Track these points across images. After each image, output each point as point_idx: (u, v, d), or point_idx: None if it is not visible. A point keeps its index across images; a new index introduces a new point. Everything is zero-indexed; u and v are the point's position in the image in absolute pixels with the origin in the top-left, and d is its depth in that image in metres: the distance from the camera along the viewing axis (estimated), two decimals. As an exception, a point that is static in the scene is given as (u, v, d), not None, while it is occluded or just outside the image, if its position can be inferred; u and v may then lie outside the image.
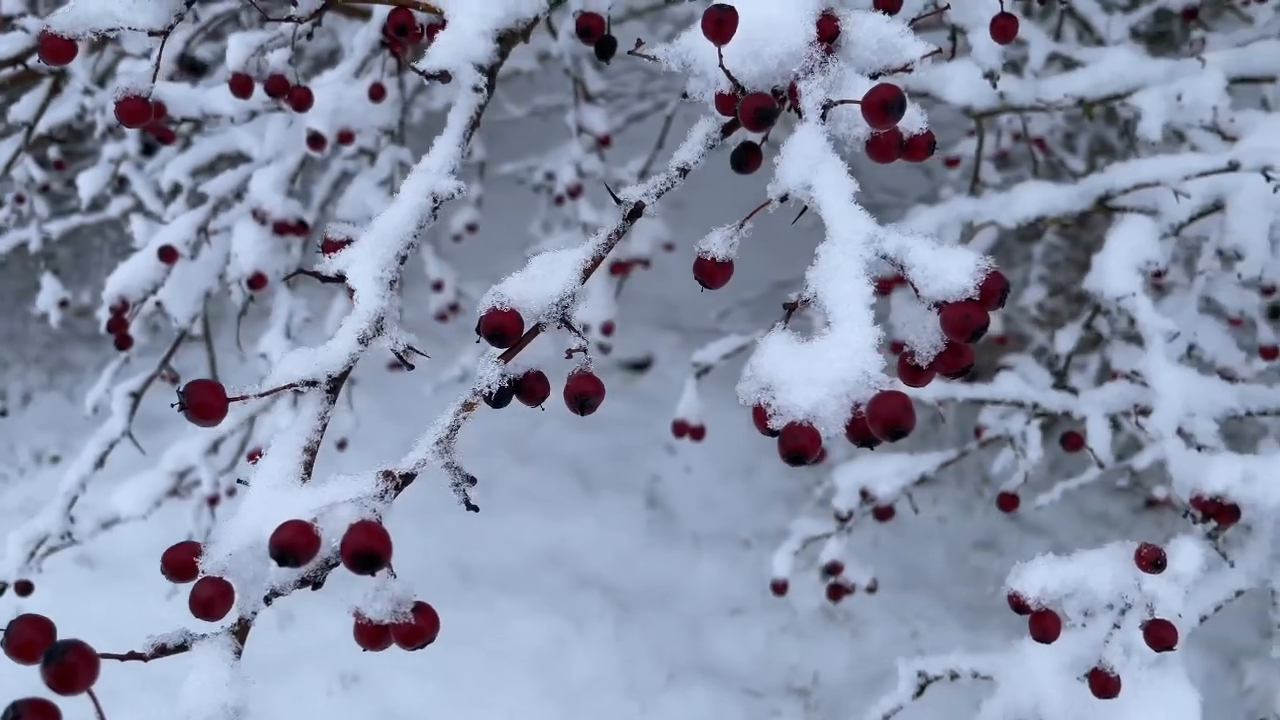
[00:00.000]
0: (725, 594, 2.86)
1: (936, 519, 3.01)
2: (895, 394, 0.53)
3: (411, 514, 3.14)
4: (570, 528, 3.05)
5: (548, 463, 3.24)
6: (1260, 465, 0.90)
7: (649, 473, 3.24)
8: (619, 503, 3.12)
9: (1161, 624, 0.76)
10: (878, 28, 0.69)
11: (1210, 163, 1.05)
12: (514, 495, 3.16)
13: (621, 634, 2.78)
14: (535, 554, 2.99)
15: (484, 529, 3.06)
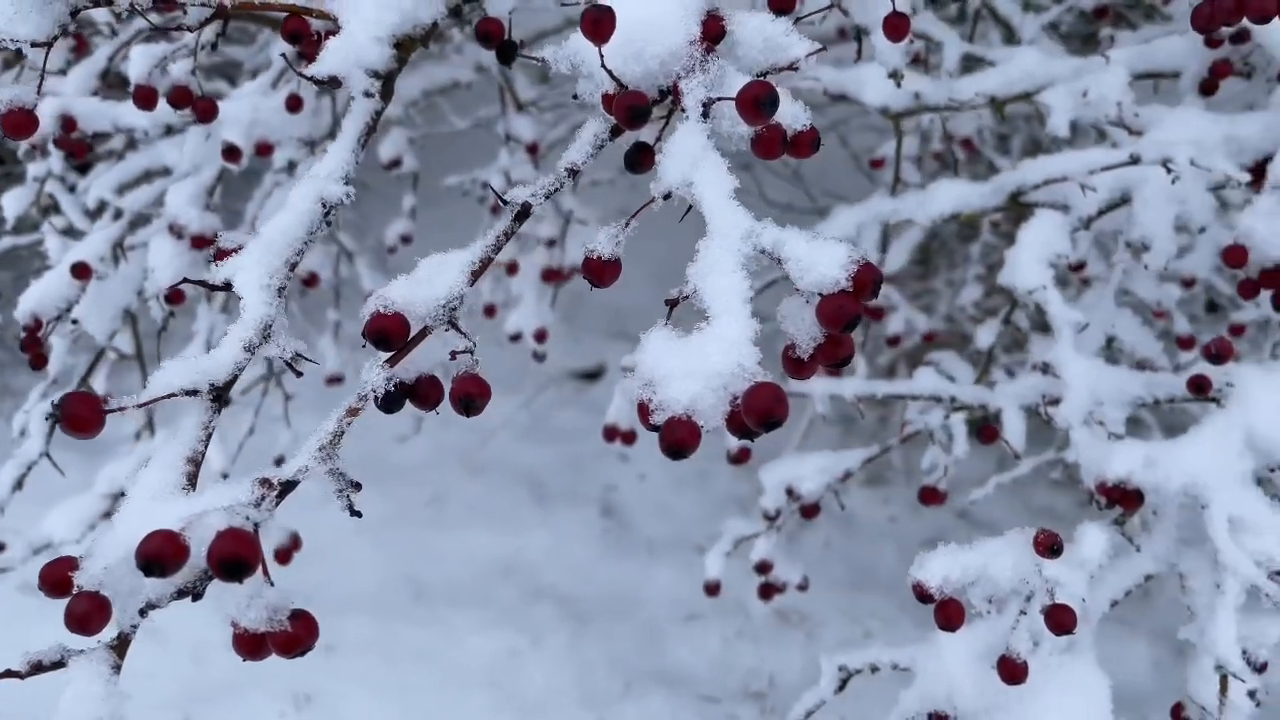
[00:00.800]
0: (681, 600, 2.86)
1: (887, 519, 3.04)
2: (768, 385, 0.54)
3: (364, 531, 3.12)
4: (524, 540, 3.03)
5: (500, 475, 3.22)
6: (1162, 450, 0.91)
7: (603, 482, 3.23)
8: (573, 513, 3.12)
9: (1061, 609, 0.77)
10: (763, 27, 0.70)
11: (1113, 157, 1.08)
12: (466, 509, 3.14)
13: (577, 645, 2.77)
14: (489, 567, 2.97)
15: (437, 544, 3.04)
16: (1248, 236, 1.00)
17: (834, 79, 1.28)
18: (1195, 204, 1.12)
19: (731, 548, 1.26)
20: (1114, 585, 0.94)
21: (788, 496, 1.15)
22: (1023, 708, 0.84)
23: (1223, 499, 0.89)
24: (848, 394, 1.13)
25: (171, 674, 2.63)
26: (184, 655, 2.69)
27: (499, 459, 3.25)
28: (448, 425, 3.34)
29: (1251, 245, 1.00)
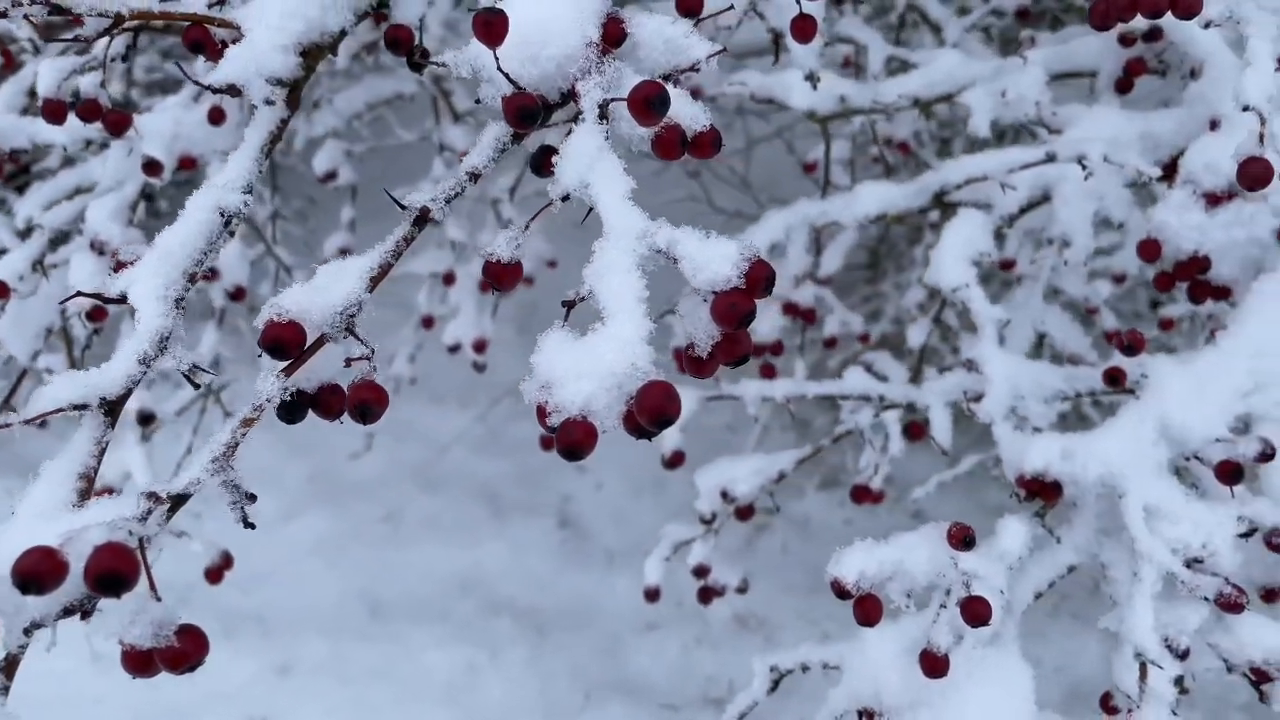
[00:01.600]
0: (640, 609, 2.85)
1: (843, 521, 3.06)
2: (660, 383, 0.54)
3: (318, 549, 3.08)
4: (481, 554, 3.01)
5: (456, 489, 3.20)
6: (1079, 442, 0.93)
7: (560, 493, 3.22)
8: (530, 525, 3.10)
9: (976, 601, 0.77)
10: (663, 29, 0.70)
11: (1031, 155, 1.09)
12: (422, 524, 3.11)
13: (537, 657, 2.75)
14: (446, 583, 2.95)
15: (393, 560, 3.00)
16: (1160, 230, 1.02)
17: (760, 83, 1.29)
18: (1113, 199, 1.15)
19: (670, 553, 1.26)
20: (1037, 577, 0.95)
21: (723, 499, 1.15)
22: (946, 701, 0.85)
23: (1139, 488, 0.90)
24: (778, 395, 1.13)
25: (123, 699, 2.58)
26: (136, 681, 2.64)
27: (454, 473, 3.23)
28: (402, 440, 3.31)
29: (1164, 239, 1.02)
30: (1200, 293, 1.06)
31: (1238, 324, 0.99)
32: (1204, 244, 1.02)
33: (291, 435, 3.45)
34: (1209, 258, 1.03)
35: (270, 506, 3.19)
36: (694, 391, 1.20)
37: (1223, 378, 0.97)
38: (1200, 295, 1.06)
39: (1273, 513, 0.90)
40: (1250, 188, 0.76)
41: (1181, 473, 1.00)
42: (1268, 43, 0.83)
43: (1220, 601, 0.85)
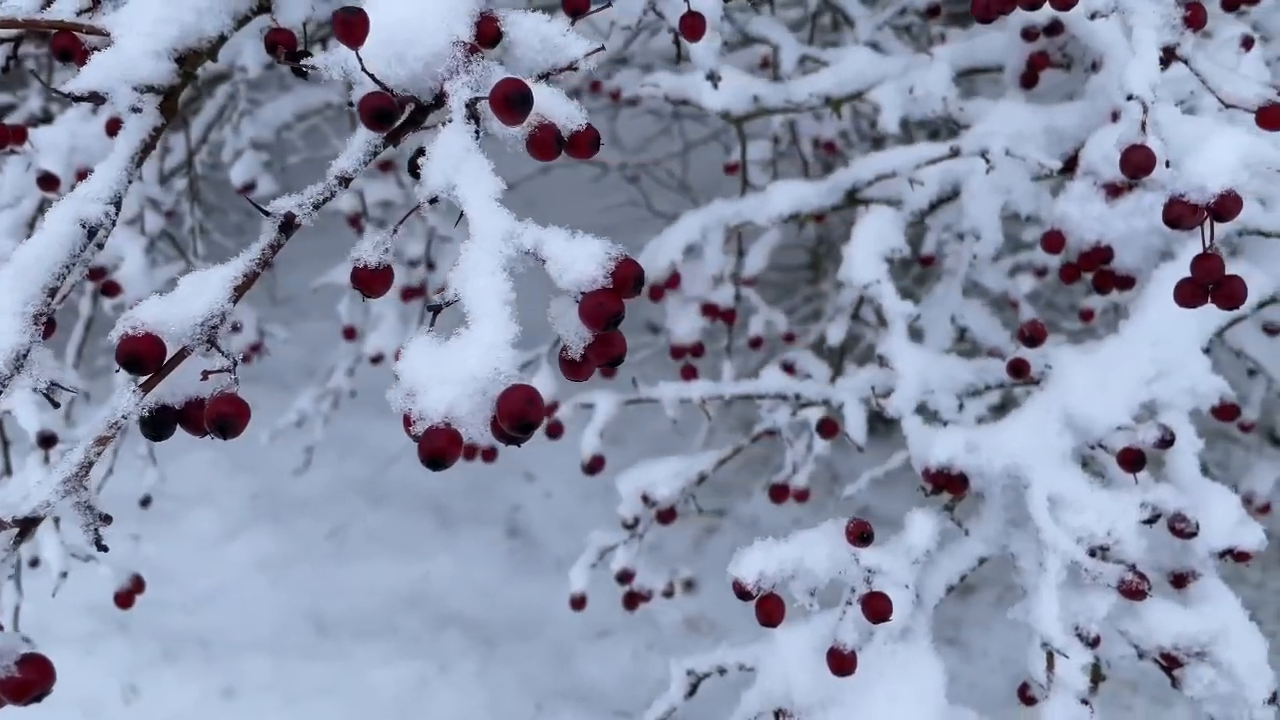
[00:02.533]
0: (591, 617, 2.82)
1: (792, 521, 3.06)
2: (520, 387, 0.52)
3: (262, 568, 3.02)
4: (429, 567, 2.97)
5: (402, 502, 3.16)
6: (983, 435, 0.93)
7: (508, 503, 3.19)
8: (479, 536, 3.07)
9: (876, 596, 0.77)
10: (538, 27, 0.69)
11: (936, 150, 1.10)
12: (368, 539, 3.07)
13: (486, 670, 2.72)
14: (394, 597, 2.91)
15: (339, 577, 2.96)
16: (1063, 222, 1.03)
17: (674, 85, 1.28)
18: (1020, 193, 1.15)
19: (597, 559, 1.24)
20: (948, 570, 0.95)
21: (644, 503, 1.14)
22: (856, 698, 0.84)
23: (1043, 478, 0.91)
24: (695, 397, 1.12)
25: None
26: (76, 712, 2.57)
27: (400, 486, 3.19)
28: (346, 455, 3.26)
29: (1068, 230, 1.03)
30: (1105, 283, 1.07)
31: (1139, 313, 1.00)
32: (1106, 234, 1.03)
33: (233, 453, 3.39)
34: (1111, 248, 1.04)
35: (212, 526, 3.13)
36: (612, 396, 1.19)
37: (1125, 366, 0.98)
38: (1105, 285, 1.07)
39: (1175, 498, 0.91)
40: (1133, 175, 0.77)
41: (1088, 462, 1.01)
42: (1151, 31, 0.84)
43: (1123, 588, 0.86)
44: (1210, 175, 0.72)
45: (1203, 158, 0.73)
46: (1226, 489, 0.95)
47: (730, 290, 1.25)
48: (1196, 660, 0.91)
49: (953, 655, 2.70)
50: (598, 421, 1.17)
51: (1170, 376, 0.98)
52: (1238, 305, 0.76)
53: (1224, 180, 0.72)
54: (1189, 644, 0.91)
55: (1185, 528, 0.90)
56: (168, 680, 2.73)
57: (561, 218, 2.14)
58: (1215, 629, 0.91)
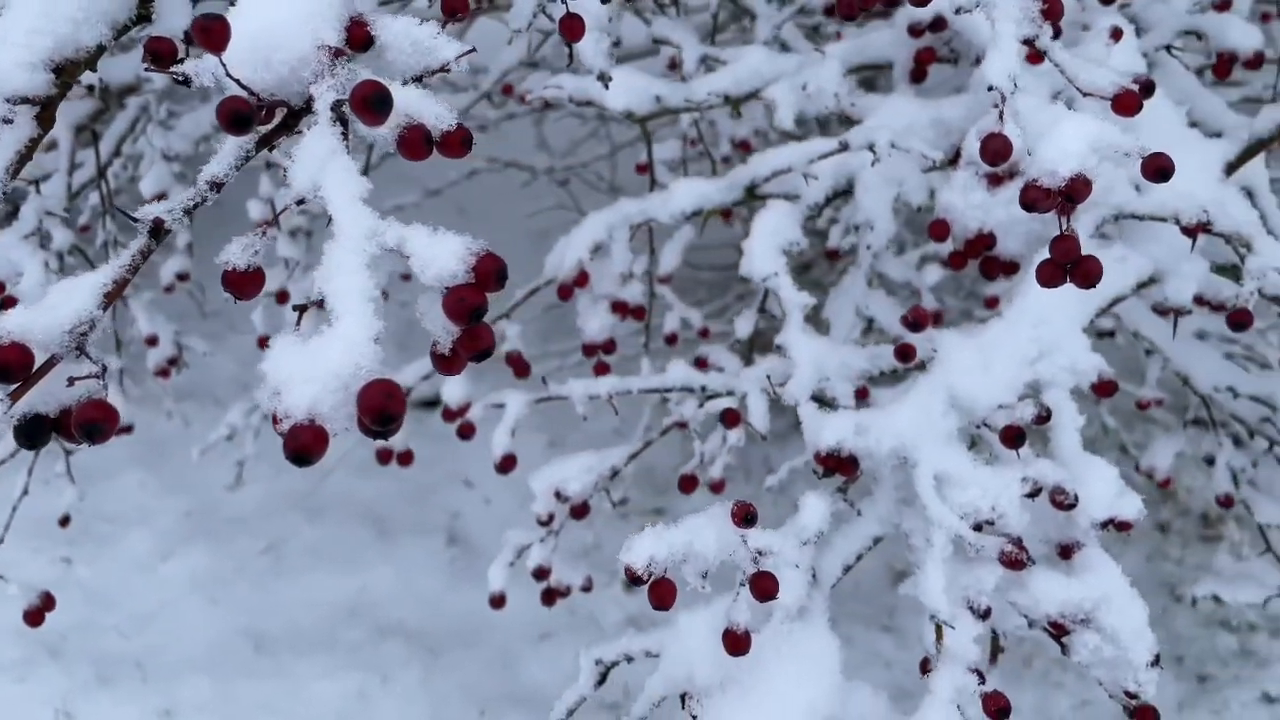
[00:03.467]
0: (533, 620, 2.83)
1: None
2: (379, 382, 0.54)
3: (198, 587, 2.97)
4: (368, 578, 2.95)
5: (340, 514, 3.13)
6: (871, 417, 0.96)
7: (448, 510, 3.18)
8: (419, 545, 3.05)
9: (763, 576, 0.79)
10: (409, 31, 0.70)
11: (827, 145, 1.13)
12: (306, 553, 3.03)
13: (429, 679, 2.71)
14: (333, 611, 2.88)
15: (276, 593, 2.92)
16: (947, 211, 1.07)
17: (577, 86, 1.30)
18: (911, 185, 1.19)
19: (514, 558, 1.26)
20: (844, 550, 0.98)
21: (557, 499, 1.15)
22: (753, 677, 0.87)
23: (929, 457, 0.94)
24: (602, 393, 1.14)
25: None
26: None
27: (337, 497, 3.16)
28: (280, 469, 3.23)
29: (952, 219, 1.07)
30: (990, 269, 1.11)
31: (1020, 296, 1.04)
32: (988, 222, 1.06)
33: (164, 472, 3.34)
34: (994, 234, 1.08)
35: (145, 547, 3.07)
36: (523, 395, 1.20)
37: (1008, 347, 1.02)
38: (991, 271, 1.11)
39: (1054, 472, 0.94)
40: (992, 162, 0.81)
41: (977, 441, 1.05)
42: (1010, 24, 0.87)
43: (1004, 560, 0.89)
44: (1060, 160, 0.76)
45: (1053, 144, 0.77)
46: (1106, 462, 0.99)
47: (639, 287, 1.27)
48: (1082, 627, 0.95)
49: (887, 641, 2.75)
50: (508, 421, 1.18)
51: (1051, 356, 1.02)
52: (1094, 284, 0.80)
53: (1073, 165, 0.76)
54: (1074, 611, 0.95)
55: (1064, 500, 0.94)
56: (103, 704, 2.68)
57: (492, 222, 2.19)
58: (1098, 596, 0.95)
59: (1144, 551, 2.79)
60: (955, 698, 0.87)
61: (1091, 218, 1.10)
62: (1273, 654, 2.56)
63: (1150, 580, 2.66)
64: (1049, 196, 0.78)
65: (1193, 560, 2.72)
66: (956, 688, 0.88)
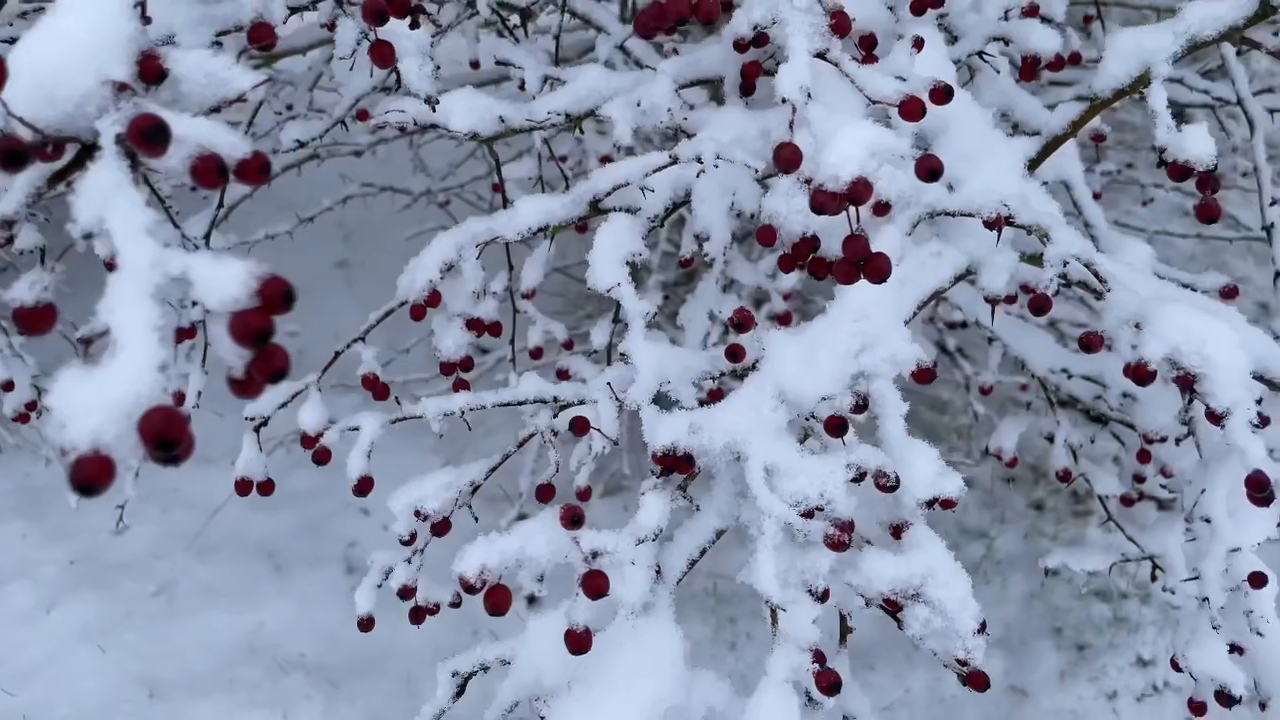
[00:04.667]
0: (436, 644, 2.82)
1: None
2: (159, 409, 0.55)
3: (87, 636, 2.87)
4: (266, 614, 2.90)
5: (232, 551, 3.06)
6: (705, 416, 1.00)
7: (344, 539, 3.14)
8: (316, 577, 3.01)
9: (594, 574, 0.82)
10: (203, 63, 0.72)
11: (660, 159, 1.17)
12: (199, 594, 2.96)
13: (332, 710, 2.67)
14: (230, 650, 2.81)
15: (169, 636, 2.84)
16: (772, 217, 1.11)
17: (419, 110, 1.32)
18: (744, 193, 1.24)
19: (381, 579, 1.26)
20: (687, 546, 1.02)
21: (418, 518, 1.17)
22: (598, 674, 0.90)
23: (759, 450, 0.98)
24: (456, 409, 1.16)
25: None
26: None
27: (230, 534, 3.09)
28: (169, 509, 3.14)
29: (777, 224, 1.12)
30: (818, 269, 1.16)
31: (842, 293, 1.10)
32: (811, 225, 1.12)
33: (46, 521, 3.21)
34: (817, 237, 1.13)
35: (28, 599, 2.96)
36: (377, 417, 1.21)
37: (832, 342, 1.07)
38: (819, 271, 1.17)
39: (875, 457, 1.00)
40: (785, 170, 0.86)
41: (810, 433, 1.10)
42: (803, 39, 0.93)
43: (829, 543, 0.94)
44: (841, 165, 0.81)
45: (835, 150, 0.82)
46: (927, 445, 1.05)
47: (494, 303, 1.30)
48: (913, 601, 1.01)
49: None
50: (363, 443, 1.19)
51: (874, 348, 1.08)
52: (884, 278, 0.86)
53: (853, 169, 0.81)
54: (904, 587, 1.00)
55: (886, 482, 0.99)
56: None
57: (376, 246, 2.18)
58: (924, 571, 1.01)
59: (1021, 530, 2.93)
60: (790, 677, 0.91)
61: (907, 216, 1.16)
62: (1144, 619, 2.71)
63: (1028, 556, 2.79)
64: (835, 199, 0.83)
65: (1066, 535, 2.86)
66: (792, 668, 0.92)
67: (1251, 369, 1.08)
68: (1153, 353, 1.00)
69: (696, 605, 2.85)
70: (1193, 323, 1.00)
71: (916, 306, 1.16)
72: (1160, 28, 1.07)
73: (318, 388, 1.28)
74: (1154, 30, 1.08)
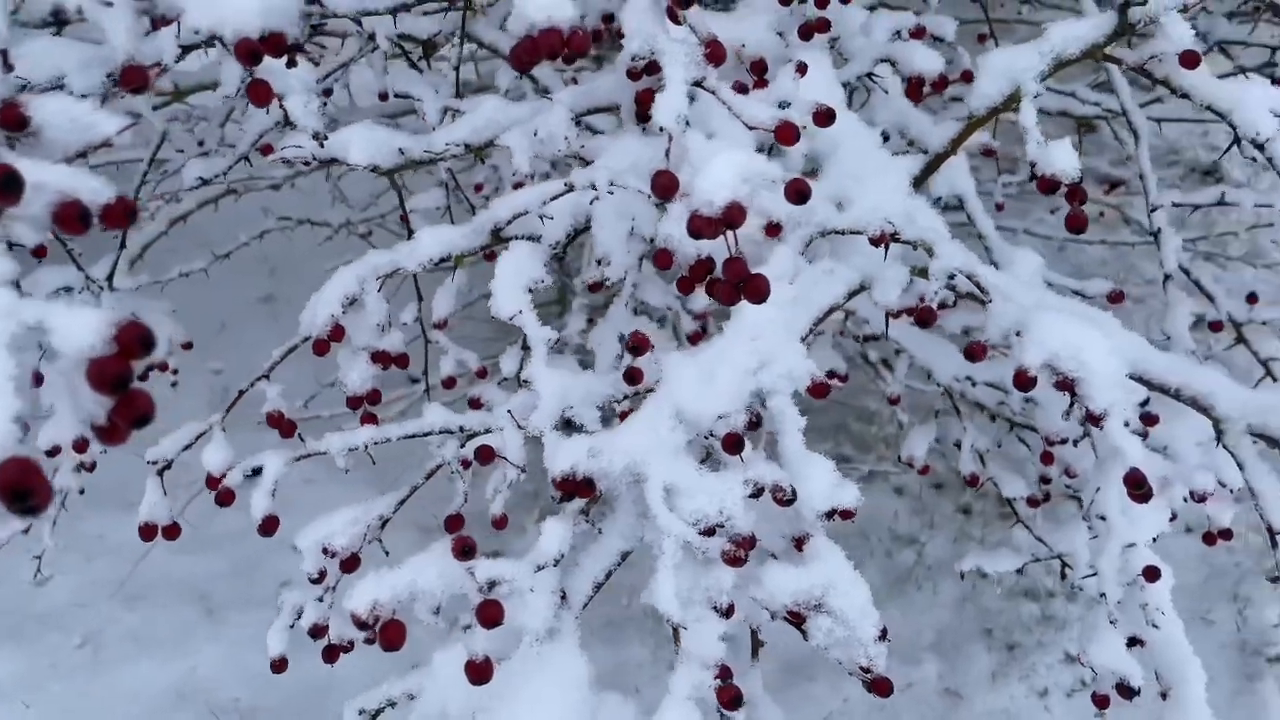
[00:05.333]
0: (370, 682, 2.77)
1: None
2: (14, 460, 0.55)
3: (8, 692, 2.77)
4: (196, 660, 2.83)
5: (161, 596, 2.99)
6: (604, 439, 1.01)
7: (277, 579, 3.07)
8: (247, 619, 2.94)
9: (488, 605, 0.83)
10: (68, 108, 0.72)
11: (556, 187, 1.19)
12: (127, 642, 2.88)
13: (267, 755, 2.61)
14: (160, 698, 2.74)
15: (96, 687, 2.76)
16: (667, 241, 1.13)
17: (329, 147, 1.32)
18: (642, 218, 1.26)
19: (294, 619, 1.25)
20: (592, 569, 1.03)
21: (325, 555, 1.16)
22: (503, 702, 0.90)
23: (658, 471, 1.00)
24: (360, 443, 1.16)
25: None
26: None
27: (157, 579, 3.01)
28: (93, 557, 3.06)
29: (672, 248, 1.14)
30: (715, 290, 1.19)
31: (738, 312, 1.12)
32: (703, 248, 1.14)
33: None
34: (712, 259, 1.15)
35: (-56, 656, 2.85)
36: (280, 455, 1.20)
37: (729, 361, 1.09)
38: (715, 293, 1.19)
39: (771, 472, 1.02)
40: (662, 198, 0.88)
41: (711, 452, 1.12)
42: (679, 69, 0.95)
43: (726, 559, 0.96)
44: (715, 191, 0.84)
45: (709, 176, 0.84)
46: (823, 458, 1.08)
47: (399, 336, 1.30)
48: (815, 612, 1.03)
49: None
50: (266, 483, 1.18)
51: (771, 366, 1.10)
52: (764, 298, 0.88)
53: (726, 194, 0.84)
54: (806, 599, 1.02)
55: (782, 496, 1.01)
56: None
57: (300, 278, 2.15)
58: (825, 582, 1.03)
59: (950, 534, 2.98)
60: (693, 694, 0.93)
61: (799, 236, 1.19)
62: (1070, 615, 2.78)
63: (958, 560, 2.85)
64: (711, 224, 0.85)
65: (994, 538, 2.92)
66: (694, 685, 0.93)
67: (1128, 371, 1.12)
68: (1032, 359, 1.04)
69: (635, 626, 2.85)
70: (1069, 330, 1.05)
71: (812, 323, 1.19)
72: (1027, 48, 1.12)
73: (222, 427, 1.27)
74: (1022, 50, 1.13)
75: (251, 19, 0.82)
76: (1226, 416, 1.09)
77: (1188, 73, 1.06)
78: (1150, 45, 1.09)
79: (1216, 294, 1.76)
